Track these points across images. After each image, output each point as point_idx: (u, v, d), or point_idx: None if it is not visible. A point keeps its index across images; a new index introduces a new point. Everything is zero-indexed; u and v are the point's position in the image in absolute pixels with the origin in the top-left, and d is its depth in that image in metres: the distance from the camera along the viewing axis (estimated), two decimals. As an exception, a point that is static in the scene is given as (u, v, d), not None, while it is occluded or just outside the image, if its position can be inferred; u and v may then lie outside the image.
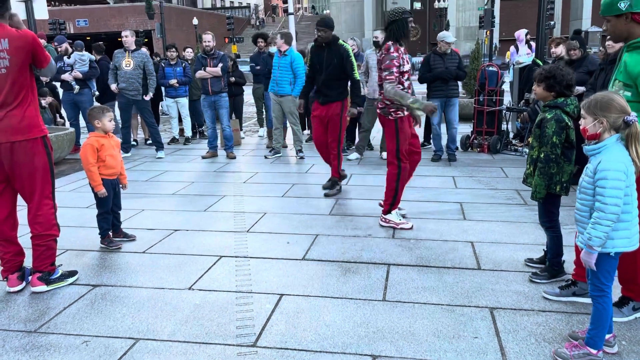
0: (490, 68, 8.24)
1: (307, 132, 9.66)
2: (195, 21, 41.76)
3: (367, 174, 6.69)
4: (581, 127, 2.48)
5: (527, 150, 7.78)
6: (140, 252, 4.14)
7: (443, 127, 7.82)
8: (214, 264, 3.88)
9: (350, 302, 3.22)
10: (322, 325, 2.95)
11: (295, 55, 7.63)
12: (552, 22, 17.91)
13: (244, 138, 9.85)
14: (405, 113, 4.55)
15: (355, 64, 5.81)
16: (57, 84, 9.05)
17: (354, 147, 8.16)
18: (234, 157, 8.00)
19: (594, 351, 2.51)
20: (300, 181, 6.46)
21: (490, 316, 3.02)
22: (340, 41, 5.80)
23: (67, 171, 7.17)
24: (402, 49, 4.52)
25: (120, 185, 4.38)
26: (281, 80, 7.55)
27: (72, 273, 3.66)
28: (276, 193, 5.88)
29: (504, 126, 8.21)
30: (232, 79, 9.05)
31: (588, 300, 3.00)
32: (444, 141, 7.73)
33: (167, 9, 36.86)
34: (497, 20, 34.62)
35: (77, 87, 8.10)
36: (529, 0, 44.50)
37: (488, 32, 32.23)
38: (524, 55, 10.10)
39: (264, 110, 9.63)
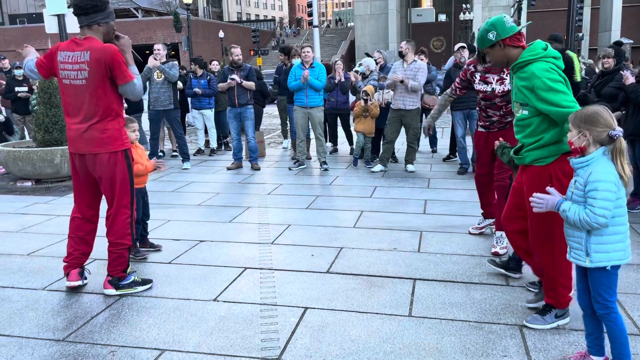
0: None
1: (330, 144, 9.66)
2: (221, 34, 42.37)
3: (391, 187, 6.65)
4: (568, 140, 2.51)
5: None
6: (166, 262, 4.17)
7: (468, 139, 7.74)
8: (239, 275, 3.88)
9: (375, 317, 3.18)
10: (347, 340, 2.92)
11: (321, 67, 7.69)
12: (580, 34, 17.66)
13: (267, 149, 9.90)
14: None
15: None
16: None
17: (377, 159, 8.14)
18: (259, 169, 8.05)
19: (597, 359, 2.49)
20: (324, 193, 6.45)
21: (520, 334, 2.94)
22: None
23: (95, 181, 7.29)
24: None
25: (157, 162, 4.38)
26: (311, 92, 7.59)
27: (146, 281, 3.72)
28: (300, 205, 5.88)
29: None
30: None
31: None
32: (469, 154, 7.64)
33: (193, 22, 37.50)
34: (524, 30, 34.25)
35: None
36: (556, 12, 44.01)
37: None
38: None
39: (287, 121, 9.68)
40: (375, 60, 8.89)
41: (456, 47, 7.89)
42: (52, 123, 7.14)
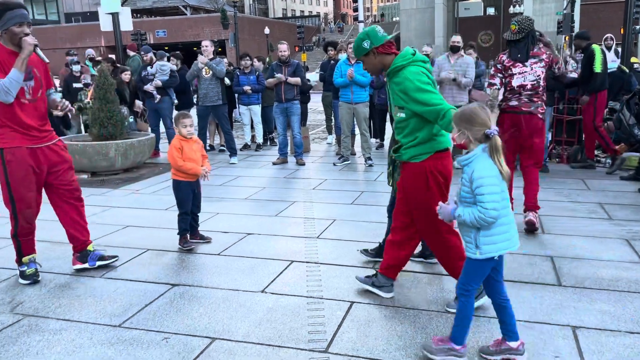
0: (571, 75, 7.87)
1: (375, 140, 9.63)
2: (266, 30, 42.82)
3: (438, 183, 6.56)
4: (450, 137, 2.69)
5: (610, 161, 7.36)
6: (215, 254, 4.28)
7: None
8: (286, 268, 3.94)
9: (422, 314, 3.16)
10: (394, 336, 2.92)
11: (366, 63, 7.66)
12: (637, 27, 16.82)
13: (312, 144, 9.96)
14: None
15: None
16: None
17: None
18: (304, 164, 8.11)
19: (457, 347, 2.62)
20: (368, 189, 6.44)
21: (572, 335, 2.87)
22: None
23: (147, 175, 7.54)
24: None
25: (203, 169, 4.42)
26: (357, 88, 7.59)
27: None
28: (345, 200, 5.89)
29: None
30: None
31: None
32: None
33: (240, 19, 38.05)
34: (577, 25, 33.06)
35: (158, 96, 8.52)
36: (612, 4, 42.16)
37: (567, 38, 30.82)
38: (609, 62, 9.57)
39: (332, 117, 9.70)
40: (424, 54, 8.78)
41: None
42: (107, 118, 7.41)
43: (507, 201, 2.52)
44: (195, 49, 30.48)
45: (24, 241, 3.79)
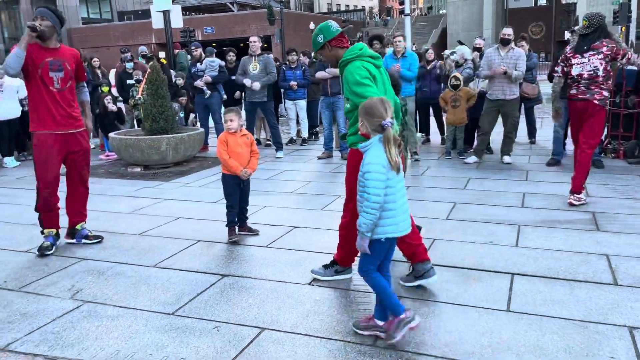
0: (629, 67, 7.53)
1: (421, 134, 9.51)
2: (312, 25, 42.85)
3: (486, 179, 6.44)
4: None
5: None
6: (263, 246, 4.35)
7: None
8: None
9: (471, 310, 3.13)
10: (442, 331, 2.90)
11: (413, 56, 7.59)
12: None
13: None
14: None
15: None
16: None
17: (471, 150, 7.91)
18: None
19: (380, 323, 2.83)
20: (415, 184, 6.39)
21: (629, 336, 2.77)
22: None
23: (196, 168, 7.73)
24: None
25: (246, 172, 4.50)
26: (402, 82, 7.51)
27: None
28: (392, 195, 5.86)
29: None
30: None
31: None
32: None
33: (285, 15, 38.26)
34: (634, 14, 31.49)
35: (208, 92, 8.70)
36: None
37: (623, 28, 29.42)
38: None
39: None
40: (477, 46, 8.61)
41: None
42: (159, 113, 7.64)
43: (395, 189, 2.70)
44: (241, 45, 30.95)
45: (44, 216, 4.36)
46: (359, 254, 2.90)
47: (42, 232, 4.41)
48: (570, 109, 5.40)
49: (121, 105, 9.63)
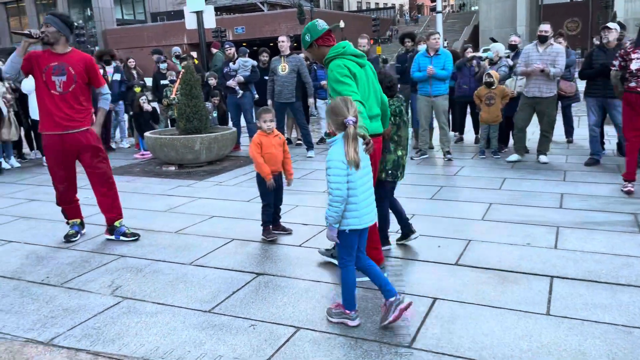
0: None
1: (454, 133, 9.40)
2: (342, 24, 42.75)
3: (523, 179, 6.32)
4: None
5: None
6: (296, 245, 4.37)
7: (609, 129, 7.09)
8: (366, 262, 3.95)
9: (509, 313, 3.07)
10: (479, 334, 2.86)
11: (447, 54, 7.49)
12: None
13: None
14: None
15: None
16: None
17: (505, 149, 7.81)
18: (381, 158, 8.06)
19: (347, 311, 3.02)
20: (448, 184, 6.31)
21: (677, 344, 2.68)
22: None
23: (229, 167, 7.82)
24: None
25: (285, 182, 4.64)
26: (436, 81, 7.44)
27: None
28: (424, 195, 5.81)
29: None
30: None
31: None
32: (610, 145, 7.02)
33: (315, 14, 38.29)
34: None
35: (240, 91, 8.79)
36: None
37: (665, 23, 28.43)
38: None
39: (409, 110, 9.57)
40: (513, 44, 8.45)
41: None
42: (193, 113, 7.75)
43: (356, 184, 2.85)
44: (271, 44, 31.09)
45: (66, 208, 4.73)
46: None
47: (67, 223, 4.81)
48: (629, 101, 5.51)
49: (155, 105, 9.81)
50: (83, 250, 4.46)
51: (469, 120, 9.18)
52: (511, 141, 8.54)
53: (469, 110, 8.93)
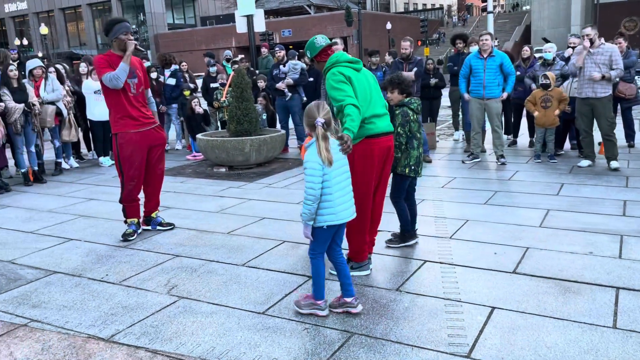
0: None
1: (507, 136, 9.15)
2: (388, 25, 42.54)
3: (582, 184, 6.07)
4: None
5: None
6: (345, 249, 4.33)
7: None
8: (419, 267, 3.89)
9: (573, 325, 2.94)
10: (542, 346, 2.75)
11: (503, 55, 7.31)
12: None
13: (438, 142, 9.72)
14: None
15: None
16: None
17: (562, 152, 7.52)
18: (430, 161, 7.94)
19: (317, 301, 3.18)
20: (503, 188, 6.14)
21: None
22: None
23: (278, 169, 7.88)
24: None
25: None
26: (489, 83, 7.26)
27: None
28: (477, 200, 5.67)
29: None
30: (432, 81, 8.93)
31: None
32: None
33: (363, 15, 38.20)
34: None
35: (289, 94, 8.84)
36: None
37: None
38: None
39: (460, 113, 9.38)
40: (572, 45, 8.16)
41: None
42: (243, 115, 7.85)
43: (331, 182, 2.99)
44: (318, 46, 31.10)
45: (127, 206, 4.92)
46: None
47: (125, 222, 4.99)
48: None
49: (205, 107, 10.00)
50: (140, 249, 4.58)
51: (524, 123, 8.91)
52: (567, 145, 8.25)
53: (524, 112, 8.66)
